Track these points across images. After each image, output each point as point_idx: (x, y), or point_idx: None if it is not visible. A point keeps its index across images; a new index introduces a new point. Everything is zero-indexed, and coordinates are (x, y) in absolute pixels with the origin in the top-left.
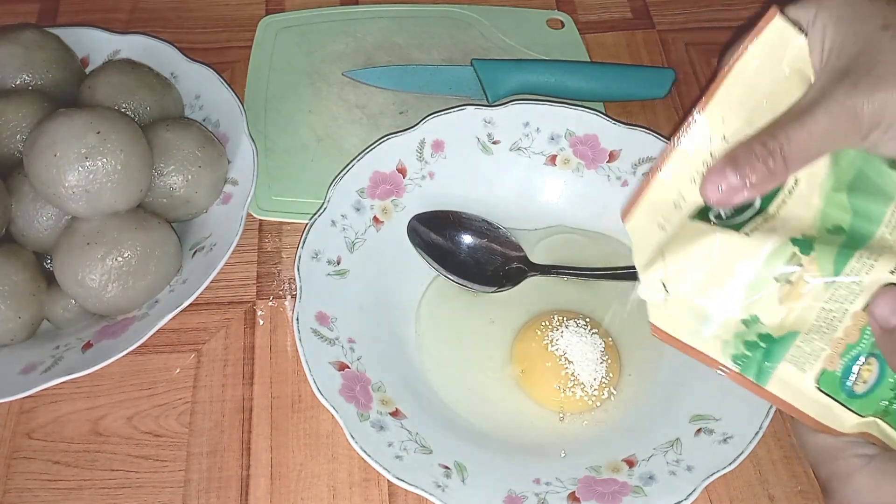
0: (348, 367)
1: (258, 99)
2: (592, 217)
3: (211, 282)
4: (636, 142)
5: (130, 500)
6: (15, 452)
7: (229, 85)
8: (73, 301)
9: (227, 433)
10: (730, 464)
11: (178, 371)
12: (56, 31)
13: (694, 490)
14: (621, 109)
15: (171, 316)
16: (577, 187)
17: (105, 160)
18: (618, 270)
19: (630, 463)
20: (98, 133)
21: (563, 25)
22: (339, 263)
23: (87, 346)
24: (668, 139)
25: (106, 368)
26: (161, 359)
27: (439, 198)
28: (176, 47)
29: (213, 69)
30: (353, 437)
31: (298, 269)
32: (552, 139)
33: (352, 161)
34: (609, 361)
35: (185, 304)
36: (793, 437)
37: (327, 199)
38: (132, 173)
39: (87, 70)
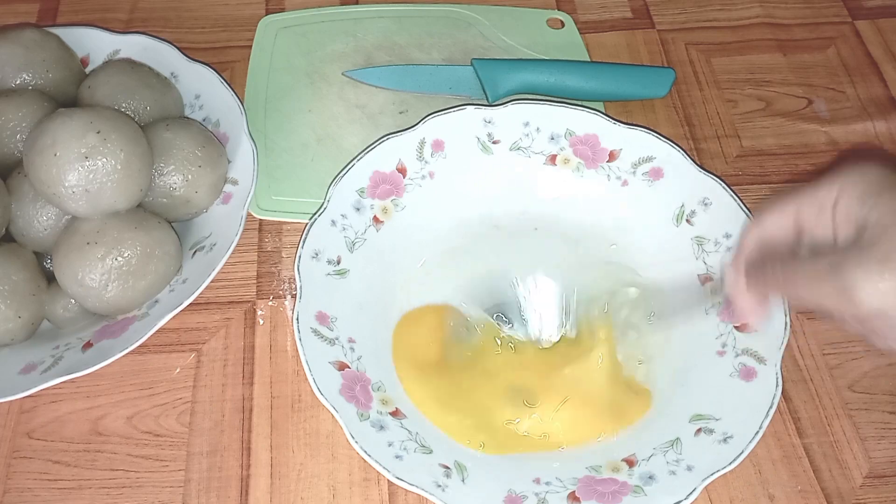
0: (348, 367)
1: (258, 98)
2: (592, 216)
3: (211, 281)
4: (636, 141)
5: (130, 500)
6: (15, 452)
7: (229, 85)
8: (73, 301)
9: (226, 433)
10: (729, 464)
11: (177, 371)
12: (56, 30)
13: (694, 490)
14: (621, 109)
15: (171, 315)
16: (577, 187)
17: (105, 160)
18: None
19: (630, 463)
20: (98, 133)
21: (563, 25)
22: (339, 263)
23: (87, 345)
24: (669, 139)
25: (106, 368)
26: (161, 358)
27: (439, 198)
28: (176, 47)
29: (213, 69)
30: (353, 437)
31: (298, 269)
32: (552, 139)
33: (352, 161)
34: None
35: (185, 303)
36: (793, 438)
37: (327, 198)
38: (132, 173)
39: (87, 70)
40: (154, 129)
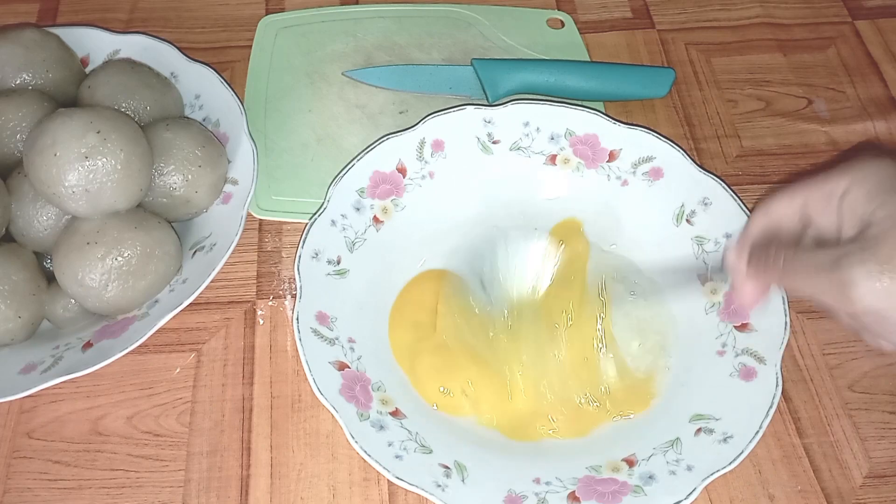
0: (348, 367)
1: (258, 99)
2: (592, 216)
3: (211, 281)
4: (636, 141)
5: (130, 500)
6: (15, 452)
7: (229, 84)
8: (73, 300)
9: (227, 433)
10: (729, 463)
11: (177, 371)
12: (56, 30)
13: (694, 490)
14: (621, 109)
15: (171, 315)
16: (577, 187)
17: (105, 160)
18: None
19: (630, 462)
20: (98, 133)
21: (563, 25)
22: (339, 263)
23: (87, 345)
24: (668, 139)
25: (106, 368)
26: (161, 358)
27: (439, 198)
28: (176, 47)
29: (213, 69)
30: (353, 437)
31: (298, 269)
32: (552, 139)
33: (352, 160)
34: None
35: (185, 303)
36: (793, 437)
37: (327, 198)
38: (132, 173)
39: (87, 70)
40: (154, 129)
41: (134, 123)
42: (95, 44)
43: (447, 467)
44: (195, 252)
